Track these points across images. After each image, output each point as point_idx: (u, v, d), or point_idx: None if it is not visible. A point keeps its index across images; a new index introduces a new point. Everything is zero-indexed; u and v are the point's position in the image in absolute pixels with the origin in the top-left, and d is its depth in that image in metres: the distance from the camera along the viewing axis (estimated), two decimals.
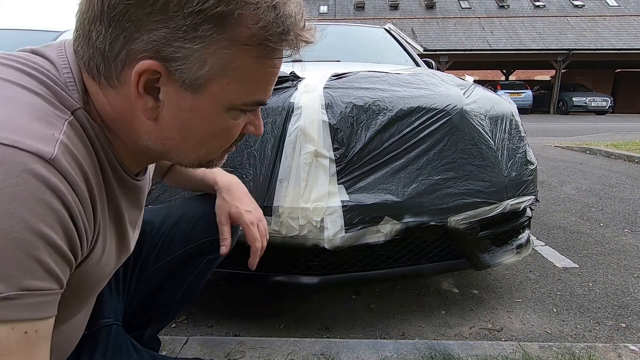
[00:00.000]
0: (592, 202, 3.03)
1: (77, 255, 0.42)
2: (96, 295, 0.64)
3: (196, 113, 0.47)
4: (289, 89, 1.29)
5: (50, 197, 0.37)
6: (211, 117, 0.48)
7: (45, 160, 0.37)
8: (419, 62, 2.57)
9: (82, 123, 0.45)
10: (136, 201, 0.58)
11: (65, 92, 0.44)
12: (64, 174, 0.39)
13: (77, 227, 0.41)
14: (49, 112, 0.41)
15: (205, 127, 0.48)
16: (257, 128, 0.55)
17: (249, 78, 0.46)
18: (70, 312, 0.55)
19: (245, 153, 1.20)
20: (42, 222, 0.37)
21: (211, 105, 0.46)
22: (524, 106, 16.29)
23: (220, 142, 0.52)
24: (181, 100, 0.46)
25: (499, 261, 1.37)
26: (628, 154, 5.02)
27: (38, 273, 0.37)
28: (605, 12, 19.17)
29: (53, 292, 0.39)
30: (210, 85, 0.45)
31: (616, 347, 1.19)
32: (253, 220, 0.85)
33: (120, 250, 0.56)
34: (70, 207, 0.39)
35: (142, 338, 0.90)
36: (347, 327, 1.40)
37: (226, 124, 0.49)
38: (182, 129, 0.48)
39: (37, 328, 0.38)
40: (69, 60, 0.47)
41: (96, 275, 0.52)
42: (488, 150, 1.31)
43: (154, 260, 0.83)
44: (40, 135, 0.38)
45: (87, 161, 0.44)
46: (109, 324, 0.74)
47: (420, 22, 19.25)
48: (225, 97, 0.46)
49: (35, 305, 0.37)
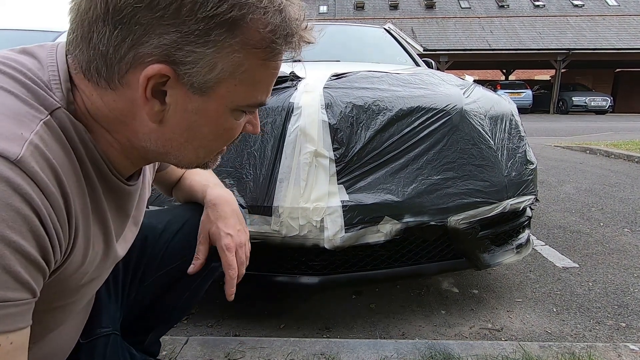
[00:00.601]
0: (592, 201, 3.03)
1: (50, 264, 0.40)
2: (84, 302, 0.62)
3: (203, 115, 0.47)
4: (289, 89, 1.29)
5: (17, 202, 0.35)
6: (217, 119, 0.48)
7: (10, 162, 0.35)
8: (419, 62, 2.57)
9: (62, 123, 0.43)
10: (123, 206, 0.55)
11: (45, 91, 0.42)
12: (32, 177, 0.37)
13: (49, 233, 0.39)
14: (22, 111, 0.39)
15: (210, 129, 0.49)
16: (255, 127, 0.55)
17: (255, 80, 0.47)
18: (53, 321, 0.54)
19: (245, 153, 1.20)
20: (10, 228, 0.35)
21: (218, 107, 0.47)
22: (523, 106, 16.29)
23: (221, 143, 0.52)
24: (188, 103, 0.45)
25: (499, 261, 1.37)
26: (628, 153, 5.03)
27: (9, 283, 0.35)
28: (605, 11, 19.18)
29: (26, 302, 0.37)
30: (218, 88, 0.45)
31: (616, 346, 1.19)
32: (231, 245, 0.77)
33: (107, 256, 0.54)
34: (40, 212, 0.37)
35: (143, 343, 0.88)
36: (347, 327, 1.40)
37: (230, 124, 0.50)
38: (187, 130, 0.48)
39: (11, 340, 0.36)
40: (57, 59, 0.45)
41: (76, 282, 0.49)
42: (488, 150, 1.31)
43: (156, 267, 0.81)
44: (7, 134, 0.36)
45: (64, 163, 0.42)
46: (107, 333, 0.72)
47: (420, 22, 19.24)
48: (232, 99, 0.47)
49: (7, 317, 0.36)
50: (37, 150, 0.38)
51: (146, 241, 0.78)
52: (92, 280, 0.54)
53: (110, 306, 0.75)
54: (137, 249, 0.75)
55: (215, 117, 0.48)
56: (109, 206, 0.51)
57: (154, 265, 0.81)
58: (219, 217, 0.79)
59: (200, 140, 0.50)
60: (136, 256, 0.78)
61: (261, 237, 1.15)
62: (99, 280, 0.59)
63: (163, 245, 0.81)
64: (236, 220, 0.81)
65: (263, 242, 1.16)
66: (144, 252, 0.79)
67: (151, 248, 0.80)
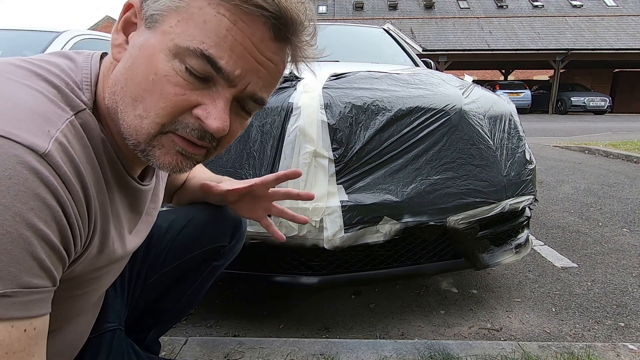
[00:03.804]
0: (590, 201, 3.04)
1: (71, 254, 0.42)
2: (98, 295, 0.64)
3: (142, 50, 0.44)
4: (288, 89, 1.29)
5: (44, 192, 0.37)
6: (152, 55, 0.43)
7: (38, 155, 0.37)
8: (418, 62, 2.58)
9: (86, 124, 0.44)
10: (136, 204, 0.57)
11: (74, 92, 0.44)
12: (57, 170, 0.38)
13: (71, 224, 0.40)
14: (50, 110, 0.41)
15: (144, 68, 0.43)
16: (208, 115, 0.45)
17: (199, 22, 0.42)
18: (69, 310, 0.55)
19: (244, 153, 1.20)
20: (37, 217, 0.36)
21: (157, 43, 0.43)
22: (522, 106, 16.31)
23: (155, 99, 0.44)
24: (139, 38, 0.45)
25: (498, 261, 1.37)
26: (626, 153, 5.03)
27: (34, 270, 0.36)
28: (604, 12, 19.20)
29: (48, 290, 0.39)
30: (164, 21, 0.43)
31: (615, 346, 1.19)
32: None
33: (120, 251, 0.56)
34: (64, 204, 0.39)
35: (144, 341, 0.89)
36: (347, 327, 1.40)
37: (165, 71, 0.43)
38: (128, 69, 0.45)
39: (35, 325, 0.38)
40: (92, 62, 0.48)
41: (92, 274, 0.51)
42: (487, 150, 1.31)
43: (160, 265, 0.82)
44: (36, 130, 0.38)
45: (85, 161, 0.43)
46: (112, 328, 0.74)
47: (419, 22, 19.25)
48: (171, 37, 0.43)
49: (32, 303, 0.37)
50: (61, 147, 0.40)
51: (151, 239, 0.79)
52: (107, 273, 0.56)
53: (116, 302, 0.77)
54: (143, 247, 0.76)
55: (151, 53, 0.43)
56: (123, 203, 0.53)
57: (158, 263, 0.82)
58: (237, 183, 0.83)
59: (136, 86, 0.44)
60: (142, 254, 0.79)
61: (261, 237, 1.15)
62: (112, 274, 0.61)
63: (167, 244, 0.82)
64: None
65: (262, 242, 1.16)
66: (149, 250, 0.80)
67: (156, 246, 0.81)
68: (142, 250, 0.78)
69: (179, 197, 0.87)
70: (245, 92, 0.46)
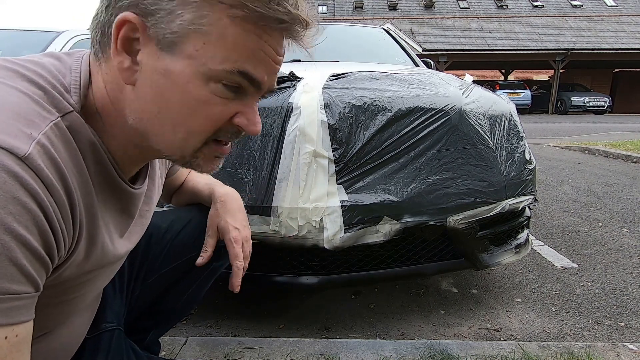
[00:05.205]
0: (590, 201, 3.04)
1: (54, 259, 0.41)
2: (90, 298, 0.63)
3: (170, 77, 0.43)
4: (288, 89, 1.29)
5: (24, 196, 0.36)
6: (186, 85, 0.43)
7: (18, 158, 0.36)
8: (418, 62, 2.58)
9: (73, 126, 0.43)
10: (128, 208, 0.56)
11: (61, 94, 0.43)
12: (38, 174, 0.37)
13: (53, 228, 0.39)
14: (34, 112, 0.40)
15: (180, 97, 0.44)
16: (249, 122, 0.48)
17: (228, 42, 0.42)
18: (60, 314, 0.54)
19: (244, 153, 1.20)
20: (17, 222, 0.35)
21: (186, 69, 0.43)
22: (522, 106, 16.32)
23: (200, 123, 0.46)
24: (157, 62, 0.43)
25: (498, 261, 1.37)
26: (626, 153, 5.04)
27: (14, 276, 0.36)
28: (604, 12, 19.21)
29: (30, 296, 0.38)
30: (184, 44, 0.42)
31: (615, 346, 1.19)
32: (238, 238, 0.81)
33: (110, 255, 0.55)
34: (46, 208, 0.38)
35: (144, 341, 0.89)
36: (347, 327, 1.40)
37: (205, 97, 0.44)
38: (157, 97, 0.44)
39: (17, 332, 0.37)
40: (82, 64, 0.46)
41: (80, 278, 0.50)
42: (487, 150, 1.31)
43: (159, 265, 0.82)
44: (17, 132, 0.37)
45: (70, 164, 0.42)
46: (111, 328, 0.74)
47: (419, 22, 19.25)
48: (202, 61, 0.42)
49: (13, 310, 0.36)
50: (43, 149, 0.39)
51: (150, 239, 0.79)
52: (98, 276, 0.55)
53: (115, 302, 0.77)
54: (141, 248, 0.76)
55: (184, 82, 0.43)
56: (114, 207, 0.52)
57: (157, 263, 0.82)
58: (227, 211, 0.83)
59: (174, 114, 0.45)
60: (141, 254, 0.79)
61: (260, 237, 1.15)
62: (105, 277, 0.60)
63: (166, 244, 0.82)
64: (243, 216, 0.86)
65: (262, 242, 1.16)
66: (148, 251, 0.80)
67: (155, 247, 0.81)
68: (142, 250, 0.78)
69: (178, 198, 0.88)
70: (266, 90, 0.50)
